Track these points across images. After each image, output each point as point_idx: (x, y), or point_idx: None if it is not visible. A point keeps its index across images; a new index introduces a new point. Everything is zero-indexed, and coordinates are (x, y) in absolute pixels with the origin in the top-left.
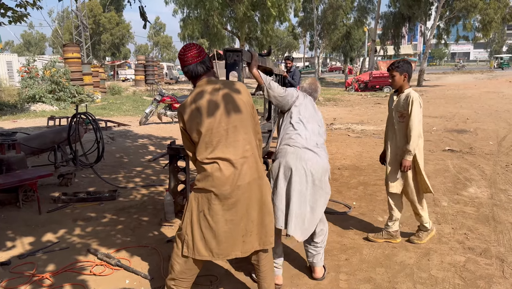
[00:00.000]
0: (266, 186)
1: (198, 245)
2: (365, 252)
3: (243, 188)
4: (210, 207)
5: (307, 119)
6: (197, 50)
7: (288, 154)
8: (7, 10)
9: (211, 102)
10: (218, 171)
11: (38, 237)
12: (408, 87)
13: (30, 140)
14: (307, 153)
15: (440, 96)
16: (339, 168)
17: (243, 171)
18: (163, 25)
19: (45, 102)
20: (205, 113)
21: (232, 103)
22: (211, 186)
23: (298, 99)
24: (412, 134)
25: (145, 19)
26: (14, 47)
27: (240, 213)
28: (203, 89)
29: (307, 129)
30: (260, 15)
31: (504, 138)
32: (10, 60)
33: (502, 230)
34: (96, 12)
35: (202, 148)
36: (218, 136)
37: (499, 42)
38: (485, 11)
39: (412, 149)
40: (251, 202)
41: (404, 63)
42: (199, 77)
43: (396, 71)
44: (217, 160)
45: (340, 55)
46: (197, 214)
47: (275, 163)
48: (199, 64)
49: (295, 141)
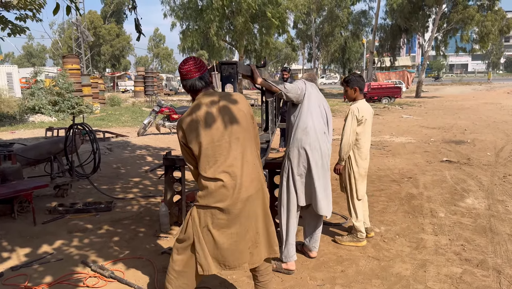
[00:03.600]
0: (267, 196)
1: (203, 260)
2: (361, 263)
3: (247, 201)
4: (214, 221)
5: (316, 109)
6: (196, 65)
7: (305, 142)
8: (7, 24)
9: (210, 115)
10: (221, 186)
11: (33, 248)
12: (361, 99)
13: (26, 151)
14: (320, 141)
15: (438, 108)
16: (336, 179)
17: (247, 183)
18: (163, 37)
19: (44, 113)
20: (206, 126)
21: (232, 114)
22: (215, 202)
23: (307, 90)
24: (342, 142)
25: (140, 32)
26: (14, 59)
27: (245, 225)
28: (202, 102)
29: (314, 117)
30: (259, 27)
31: (502, 149)
32: (10, 72)
33: (499, 241)
34: (97, 24)
35: (204, 162)
36: (220, 150)
37: (497, 54)
38: (482, 23)
39: (342, 154)
40: (256, 214)
41: (354, 78)
42: (198, 91)
43: (347, 86)
44: (221, 174)
45: (339, 66)
46: (200, 230)
47: (294, 150)
48: (198, 79)
49: (309, 131)
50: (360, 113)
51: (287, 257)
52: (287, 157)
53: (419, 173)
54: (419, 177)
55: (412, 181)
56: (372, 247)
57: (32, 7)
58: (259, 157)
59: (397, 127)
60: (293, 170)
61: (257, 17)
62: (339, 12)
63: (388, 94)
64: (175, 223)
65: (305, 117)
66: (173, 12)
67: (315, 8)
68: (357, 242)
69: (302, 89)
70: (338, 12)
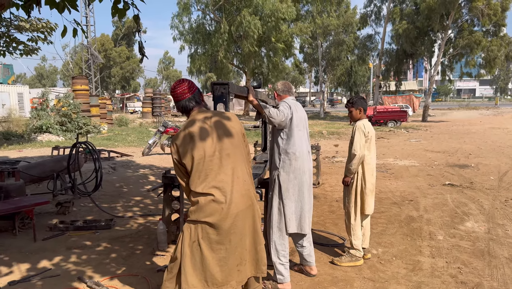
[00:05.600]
0: (257, 213)
1: (190, 277)
2: (356, 284)
3: (237, 216)
4: (203, 237)
5: (302, 130)
6: (187, 86)
7: (293, 165)
8: (18, 44)
9: (203, 131)
10: (211, 201)
11: (31, 264)
12: (364, 118)
13: (30, 169)
14: (306, 162)
15: (444, 132)
16: (337, 200)
17: (237, 199)
18: (172, 60)
19: (52, 132)
20: (198, 141)
21: (224, 131)
22: (205, 216)
23: (293, 114)
24: (354, 156)
25: (143, 54)
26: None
27: (234, 242)
28: (196, 118)
29: (302, 140)
30: (266, 51)
31: (506, 174)
32: (22, 92)
33: (496, 264)
34: (107, 46)
35: (196, 177)
36: (212, 165)
37: (505, 79)
38: (488, 48)
39: (353, 168)
40: (245, 230)
41: (358, 99)
42: (191, 111)
43: (352, 107)
44: (211, 189)
45: (346, 90)
46: (190, 245)
47: (283, 175)
48: (190, 99)
49: (298, 156)
50: (366, 129)
51: (282, 279)
52: (277, 181)
53: (420, 195)
54: (420, 199)
55: (413, 204)
56: (368, 268)
57: (44, 30)
58: (250, 174)
59: (402, 150)
60: (284, 193)
61: (264, 42)
62: (346, 37)
63: (394, 118)
64: (173, 242)
65: (293, 142)
66: (182, 36)
67: (321, 33)
68: (355, 261)
69: (287, 115)
70: (344, 37)
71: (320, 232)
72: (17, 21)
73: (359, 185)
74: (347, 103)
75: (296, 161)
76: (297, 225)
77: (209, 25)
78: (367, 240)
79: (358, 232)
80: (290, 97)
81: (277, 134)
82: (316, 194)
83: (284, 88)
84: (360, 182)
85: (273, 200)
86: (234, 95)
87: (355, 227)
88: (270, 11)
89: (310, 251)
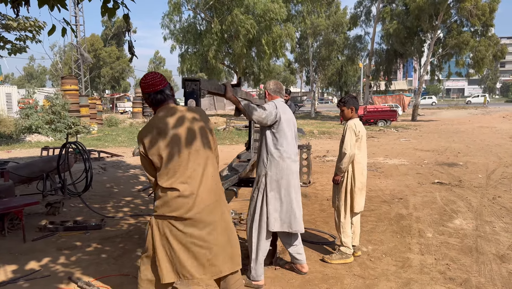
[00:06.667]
0: (226, 208)
1: (164, 269)
2: (346, 281)
3: (203, 211)
4: (171, 231)
5: (288, 132)
6: (157, 79)
7: (281, 166)
8: (6, 43)
9: (171, 126)
10: (177, 196)
11: (21, 265)
12: (356, 118)
13: (19, 169)
14: (293, 163)
15: (433, 131)
16: (327, 199)
17: (204, 194)
18: (163, 60)
19: (41, 133)
20: (167, 137)
21: (192, 127)
22: (171, 211)
23: (279, 116)
24: (344, 155)
25: (132, 53)
26: (14, 80)
27: (202, 236)
28: (163, 115)
29: (290, 141)
30: (256, 51)
31: (493, 172)
32: (10, 92)
33: (484, 260)
34: (97, 46)
35: (164, 172)
36: (180, 161)
37: (493, 79)
38: (476, 48)
39: (343, 167)
40: (214, 225)
41: (350, 98)
42: (160, 105)
43: (344, 106)
44: (178, 184)
45: (336, 90)
46: (160, 238)
47: (269, 175)
48: (159, 92)
49: (283, 153)
50: (357, 128)
51: (255, 277)
52: (264, 180)
53: (410, 194)
54: (410, 198)
55: (402, 202)
56: (358, 265)
57: (32, 29)
58: (217, 169)
59: (392, 149)
60: (269, 193)
61: (254, 42)
62: (336, 37)
63: (384, 117)
64: None
65: (281, 142)
66: (172, 35)
67: (312, 33)
68: (345, 259)
69: (268, 114)
70: (334, 37)
71: (311, 230)
72: (4, 20)
73: (349, 184)
74: (339, 102)
75: (283, 161)
76: (281, 225)
77: (200, 25)
78: (357, 238)
79: (347, 229)
80: (280, 99)
81: (265, 135)
82: (307, 193)
83: (276, 89)
84: (350, 180)
85: (257, 199)
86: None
87: (345, 225)
88: (262, 11)
89: (299, 250)
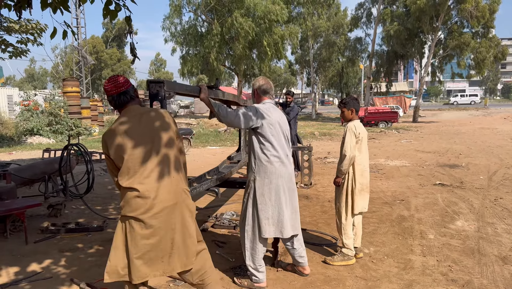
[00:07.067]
0: (186, 209)
1: (119, 268)
2: (348, 283)
3: (162, 212)
4: (130, 231)
5: (276, 135)
6: (121, 81)
7: (269, 170)
8: (7, 46)
9: (134, 127)
10: (136, 196)
11: (23, 267)
12: (357, 119)
13: (21, 171)
14: (283, 166)
15: (434, 132)
16: (329, 200)
17: (163, 195)
18: (164, 62)
19: (42, 135)
20: (129, 137)
21: (156, 128)
22: (130, 211)
23: (259, 121)
24: (344, 157)
25: (135, 55)
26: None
27: (160, 236)
28: (126, 116)
29: (277, 144)
30: (257, 53)
31: (495, 173)
32: (11, 94)
33: (486, 262)
34: (99, 48)
35: (125, 172)
36: (140, 161)
37: (494, 80)
38: (477, 49)
39: (343, 168)
40: (171, 225)
41: (351, 100)
42: (124, 106)
43: (345, 107)
44: (137, 185)
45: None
46: (122, 238)
47: (258, 179)
48: (123, 94)
49: (270, 157)
50: (357, 130)
51: (256, 280)
52: (253, 185)
53: (411, 195)
54: (411, 199)
55: (404, 203)
56: (360, 267)
57: (34, 32)
58: (182, 170)
59: (393, 151)
60: (259, 198)
61: (255, 44)
62: (336, 38)
63: (385, 118)
64: None
65: (267, 146)
66: (173, 37)
67: (312, 35)
68: (347, 260)
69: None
70: (335, 39)
71: (313, 232)
72: (6, 23)
73: (349, 185)
74: (339, 104)
75: (271, 165)
76: (274, 230)
77: (201, 27)
78: (359, 239)
79: (349, 231)
80: (268, 100)
81: (252, 139)
82: (308, 195)
83: (265, 89)
84: (351, 182)
85: (248, 204)
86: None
87: (346, 226)
88: (263, 13)
89: (301, 252)
